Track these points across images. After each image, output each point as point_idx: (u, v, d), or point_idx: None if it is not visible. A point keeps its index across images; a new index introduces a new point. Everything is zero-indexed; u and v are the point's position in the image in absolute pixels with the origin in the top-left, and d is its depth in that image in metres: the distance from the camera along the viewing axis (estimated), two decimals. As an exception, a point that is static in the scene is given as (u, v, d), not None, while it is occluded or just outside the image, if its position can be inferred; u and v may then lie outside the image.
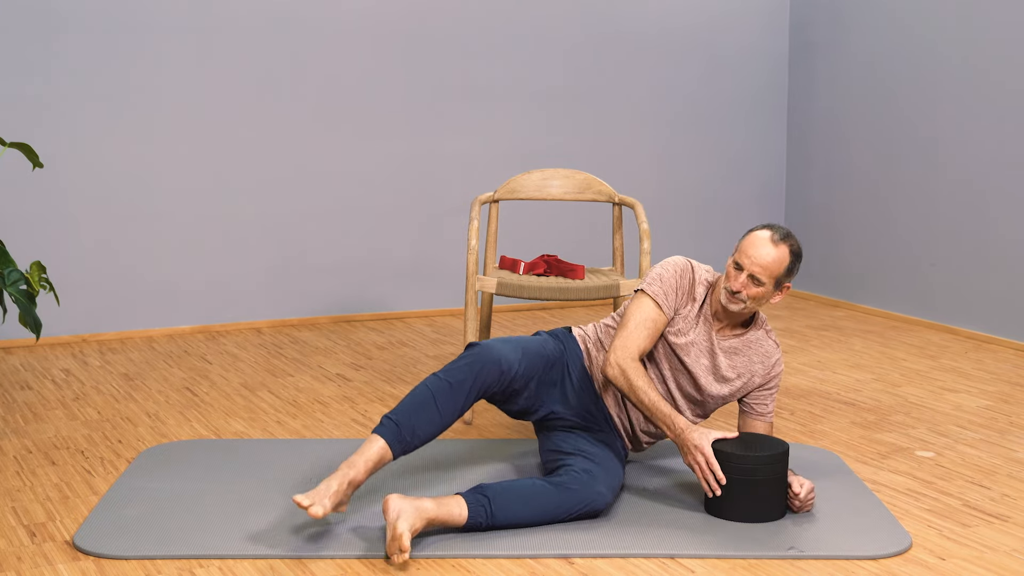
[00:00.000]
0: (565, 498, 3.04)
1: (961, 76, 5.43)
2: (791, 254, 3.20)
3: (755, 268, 3.17)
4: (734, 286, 3.19)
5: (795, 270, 3.24)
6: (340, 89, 5.50)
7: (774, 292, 3.24)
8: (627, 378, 3.17)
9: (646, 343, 3.24)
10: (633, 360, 3.19)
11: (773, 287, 3.22)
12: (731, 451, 3.07)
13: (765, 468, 3.07)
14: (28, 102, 4.97)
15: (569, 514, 3.05)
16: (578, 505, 3.04)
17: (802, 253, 3.25)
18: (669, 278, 3.30)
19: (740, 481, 3.06)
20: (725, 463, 3.07)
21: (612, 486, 3.12)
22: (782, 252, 3.18)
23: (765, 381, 3.33)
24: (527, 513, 3.01)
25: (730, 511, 3.10)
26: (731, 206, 6.37)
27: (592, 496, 3.06)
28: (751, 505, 3.08)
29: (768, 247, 3.18)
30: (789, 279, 3.24)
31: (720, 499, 3.10)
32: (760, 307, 3.28)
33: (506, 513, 2.98)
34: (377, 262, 5.67)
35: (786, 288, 3.26)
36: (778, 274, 3.19)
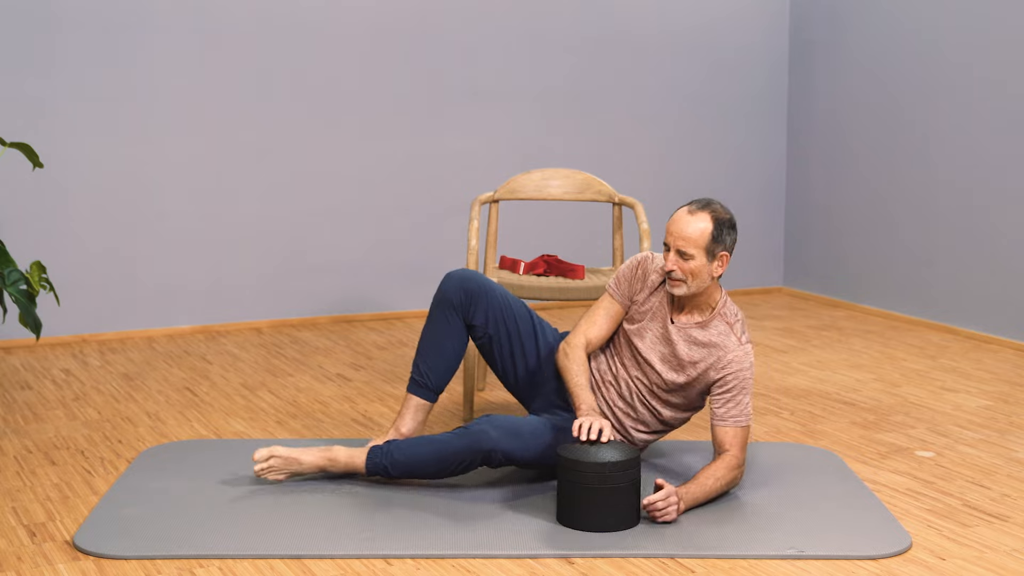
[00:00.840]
0: (457, 440, 3.16)
1: (961, 76, 5.43)
2: (713, 220, 3.17)
3: (679, 242, 3.17)
4: (667, 266, 3.20)
5: (724, 236, 3.18)
6: (340, 89, 5.50)
7: (709, 264, 3.18)
8: (561, 360, 3.31)
9: (595, 331, 3.36)
10: (573, 346, 3.32)
11: (706, 258, 3.17)
12: (578, 458, 2.98)
13: (615, 475, 2.97)
14: (28, 102, 4.97)
15: (458, 455, 3.16)
16: (466, 445, 3.14)
17: (730, 219, 3.20)
18: (623, 270, 3.39)
19: (589, 488, 2.97)
20: (573, 470, 2.98)
21: (508, 430, 3.15)
22: (702, 219, 3.16)
23: (719, 376, 3.23)
24: (423, 452, 3.18)
25: (581, 519, 3.00)
26: (731, 206, 6.32)
27: (479, 437, 3.13)
28: (602, 513, 2.98)
29: (686, 218, 3.18)
30: (721, 247, 3.18)
31: (570, 507, 3.01)
32: (704, 284, 3.21)
33: (405, 454, 3.21)
34: (377, 262, 5.67)
35: (722, 256, 3.19)
36: (704, 243, 3.16)
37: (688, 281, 3.20)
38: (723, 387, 3.23)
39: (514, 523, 3.06)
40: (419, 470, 3.22)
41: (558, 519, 3.06)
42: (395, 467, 3.23)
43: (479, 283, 3.44)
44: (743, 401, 3.22)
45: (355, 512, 3.13)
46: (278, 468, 3.27)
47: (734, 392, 3.22)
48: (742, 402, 3.22)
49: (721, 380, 3.23)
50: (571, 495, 3.01)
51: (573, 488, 3.00)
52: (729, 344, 3.24)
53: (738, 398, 3.22)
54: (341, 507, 3.16)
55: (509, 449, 3.16)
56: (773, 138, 6.43)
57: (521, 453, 3.18)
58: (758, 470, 3.51)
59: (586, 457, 2.98)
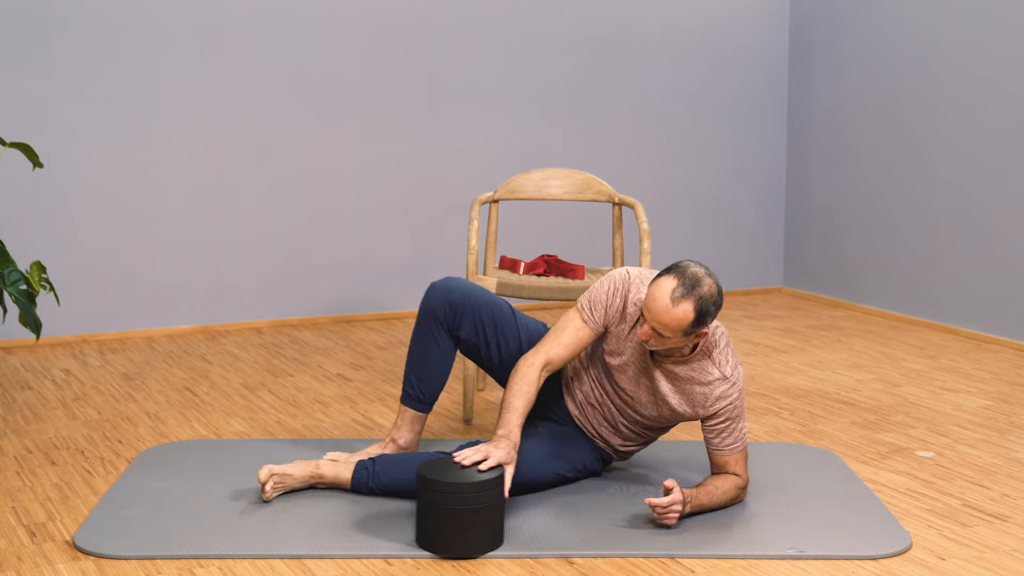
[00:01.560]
0: None
1: (961, 76, 5.43)
2: (696, 310, 2.92)
3: (655, 324, 2.95)
4: (639, 335, 3.01)
5: (706, 319, 2.96)
6: (340, 89, 5.50)
7: (687, 339, 3.00)
8: (512, 375, 3.14)
9: (559, 351, 3.16)
10: (528, 365, 3.13)
11: (682, 338, 2.99)
12: (438, 478, 2.83)
13: (473, 496, 2.83)
14: (28, 102, 4.98)
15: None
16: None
17: (715, 300, 2.96)
18: (600, 294, 3.18)
19: (451, 511, 2.83)
20: (433, 490, 2.84)
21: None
22: (683, 310, 2.92)
23: (708, 414, 3.12)
24: (408, 476, 3.17)
25: (441, 544, 2.86)
26: (731, 206, 6.37)
27: None
28: (461, 536, 2.84)
29: (666, 304, 2.92)
30: (700, 328, 2.98)
31: (431, 532, 2.86)
32: (682, 350, 3.10)
33: (389, 476, 3.20)
34: (377, 262, 5.67)
35: (700, 335, 3.01)
36: (682, 329, 2.95)
37: (660, 350, 3.09)
38: (715, 422, 3.13)
39: (514, 523, 3.06)
40: (402, 491, 3.20)
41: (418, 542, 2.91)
42: (379, 487, 3.22)
43: (463, 293, 3.37)
44: (738, 428, 3.15)
45: (355, 512, 3.13)
46: (276, 487, 3.26)
47: (728, 424, 3.14)
48: (737, 429, 3.15)
49: (711, 417, 3.13)
50: (427, 515, 2.87)
51: (429, 508, 2.86)
52: (713, 381, 3.11)
53: (732, 427, 3.14)
54: (341, 507, 3.16)
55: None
56: (773, 138, 6.43)
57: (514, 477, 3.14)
58: (758, 470, 3.51)
59: (445, 477, 2.85)
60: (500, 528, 2.91)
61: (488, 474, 2.88)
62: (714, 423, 3.14)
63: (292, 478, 3.25)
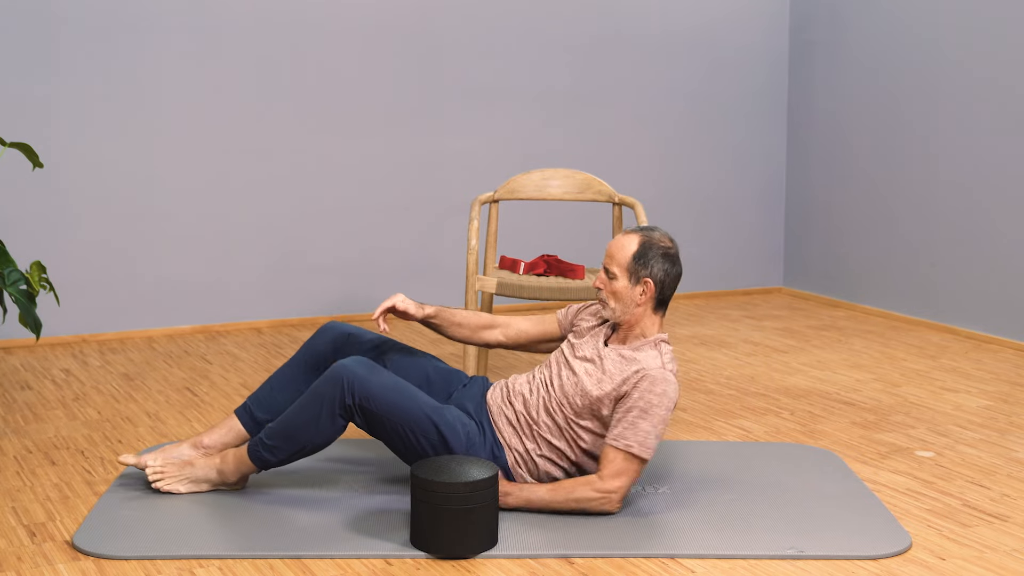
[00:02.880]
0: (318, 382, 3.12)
1: (961, 76, 5.43)
2: (641, 243, 3.11)
3: (605, 259, 3.15)
4: (594, 283, 3.19)
5: (651, 262, 3.09)
6: (341, 89, 5.50)
7: (631, 287, 3.10)
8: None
9: (523, 322, 3.43)
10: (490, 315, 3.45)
11: (628, 280, 3.10)
12: (431, 478, 2.83)
13: (467, 496, 2.83)
14: (29, 102, 4.98)
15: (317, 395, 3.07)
16: (323, 379, 3.09)
17: (666, 249, 3.11)
18: (577, 305, 3.42)
19: (444, 511, 2.82)
20: (429, 489, 2.83)
21: (365, 363, 3.08)
22: (630, 239, 3.13)
23: (624, 393, 3.06)
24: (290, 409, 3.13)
25: (435, 544, 2.85)
26: (731, 206, 6.37)
27: (335, 367, 3.08)
28: (456, 536, 2.84)
29: (618, 238, 3.17)
30: (645, 271, 3.09)
31: (425, 531, 2.86)
32: (628, 311, 3.12)
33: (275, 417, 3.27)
34: (377, 262, 5.67)
35: (646, 282, 3.09)
36: (626, 263, 3.10)
37: (611, 302, 3.14)
38: (625, 404, 3.04)
39: (514, 523, 3.06)
40: (291, 428, 3.10)
41: (412, 542, 2.91)
42: (270, 436, 3.12)
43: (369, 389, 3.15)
44: (639, 425, 3.01)
45: (355, 512, 3.13)
46: (171, 474, 3.23)
47: (633, 413, 3.02)
48: (637, 425, 3.01)
49: (625, 397, 3.05)
50: (421, 515, 2.86)
51: (423, 508, 2.86)
52: (649, 363, 3.09)
53: (634, 419, 3.02)
54: (341, 507, 3.16)
55: (364, 378, 3.04)
56: (773, 138, 6.43)
57: (379, 391, 3.04)
58: (758, 470, 3.51)
59: (438, 477, 2.85)
60: (495, 528, 2.91)
61: (482, 473, 2.88)
62: (623, 405, 3.04)
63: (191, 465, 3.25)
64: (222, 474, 3.22)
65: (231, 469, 3.21)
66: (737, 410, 4.20)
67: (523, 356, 4.96)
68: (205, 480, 3.23)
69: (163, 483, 3.22)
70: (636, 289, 3.12)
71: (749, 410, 4.20)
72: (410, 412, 3.08)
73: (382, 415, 3.07)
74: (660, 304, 3.17)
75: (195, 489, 3.23)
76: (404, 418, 3.07)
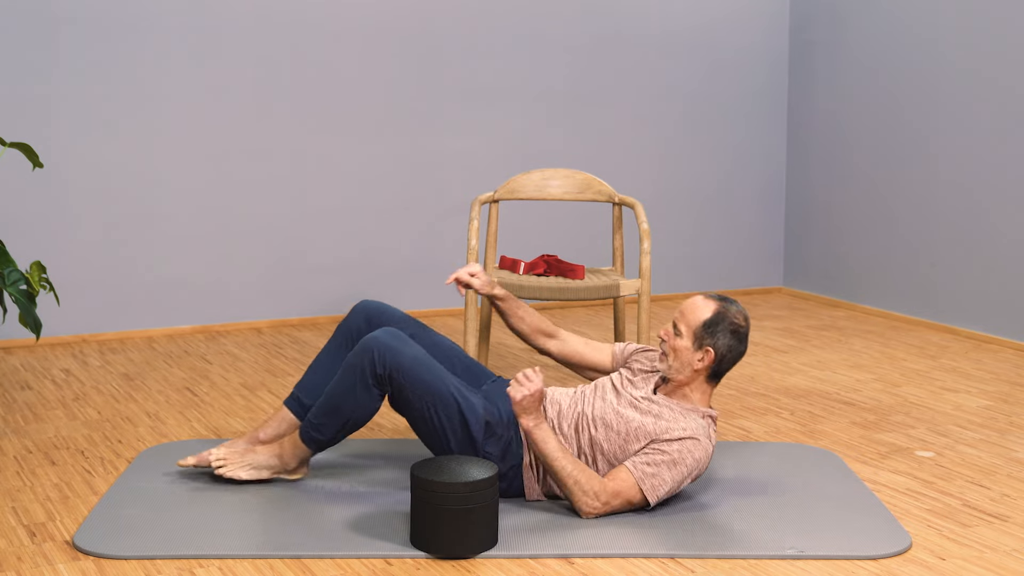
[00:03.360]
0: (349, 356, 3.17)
1: (961, 76, 5.43)
2: (716, 312, 3.15)
3: (678, 316, 3.20)
4: (660, 332, 3.22)
5: (718, 333, 3.14)
6: (341, 89, 5.50)
7: (694, 352, 3.15)
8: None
9: (575, 340, 3.52)
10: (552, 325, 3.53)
11: (692, 343, 3.15)
12: (431, 478, 2.84)
13: (467, 496, 2.83)
14: (28, 102, 4.98)
15: (351, 366, 3.13)
16: (354, 352, 3.14)
17: (736, 327, 3.15)
18: (636, 345, 3.46)
19: (444, 511, 2.82)
20: (429, 490, 2.83)
21: (395, 335, 3.14)
22: (707, 305, 3.17)
23: (670, 439, 3.08)
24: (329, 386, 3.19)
25: (435, 544, 2.85)
26: (731, 206, 6.37)
27: (367, 339, 3.14)
28: (456, 536, 2.84)
29: (696, 299, 3.21)
30: (710, 340, 3.14)
31: (425, 531, 2.86)
32: (683, 371, 3.16)
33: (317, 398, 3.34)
34: (377, 262, 5.67)
35: (707, 351, 3.14)
36: (696, 326, 3.14)
37: (669, 357, 3.19)
38: (659, 448, 3.08)
39: (514, 523, 3.06)
40: (332, 404, 3.16)
41: (412, 542, 2.91)
42: (315, 416, 3.19)
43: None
44: (662, 475, 3.05)
45: (355, 512, 3.13)
46: (233, 461, 3.29)
47: (665, 459, 3.06)
48: (661, 473, 3.05)
49: (663, 442, 3.08)
50: (421, 515, 2.86)
51: (423, 508, 2.85)
52: (699, 431, 3.11)
53: (661, 467, 3.06)
54: (341, 507, 3.16)
55: (395, 348, 3.10)
56: (773, 138, 6.43)
57: (409, 362, 3.09)
58: (758, 470, 3.51)
59: (439, 477, 2.85)
60: (495, 528, 2.91)
61: (482, 473, 2.89)
62: (658, 448, 3.08)
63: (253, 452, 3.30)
64: (282, 459, 3.28)
65: (289, 454, 3.27)
66: (737, 410, 4.20)
67: (523, 357, 4.96)
68: (266, 467, 3.29)
69: (226, 470, 3.28)
70: (697, 354, 3.17)
71: (749, 410, 4.20)
72: (435, 387, 3.13)
73: (408, 387, 3.12)
74: (714, 376, 3.22)
75: (256, 476, 3.28)
76: (429, 392, 3.12)
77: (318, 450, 3.26)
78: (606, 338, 5.29)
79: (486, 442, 3.16)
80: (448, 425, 3.14)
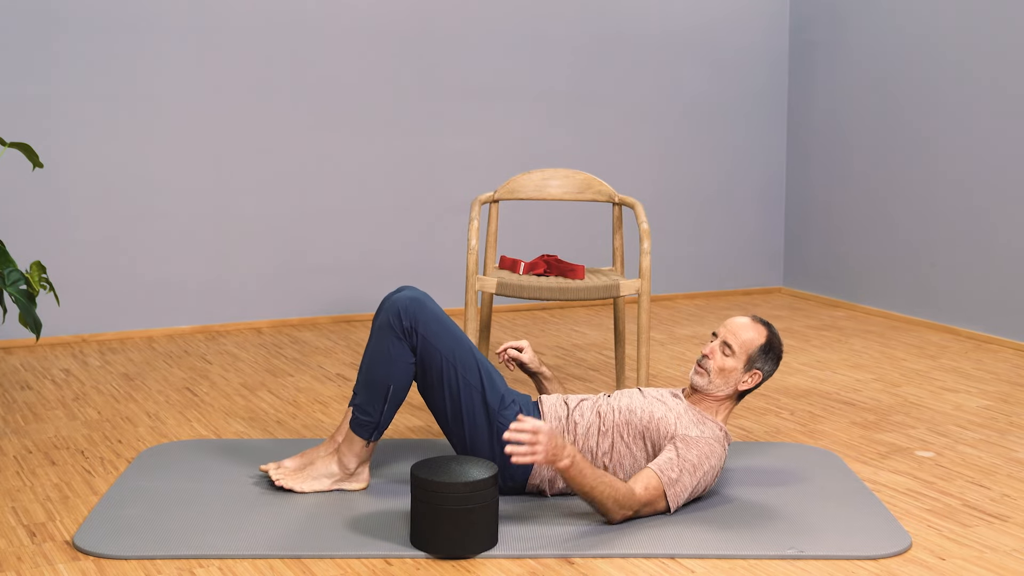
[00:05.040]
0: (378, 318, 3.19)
1: (961, 76, 5.43)
2: (768, 338, 3.22)
3: (729, 336, 3.21)
4: (704, 350, 3.22)
5: (769, 358, 3.22)
6: (340, 89, 5.50)
7: (743, 372, 3.20)
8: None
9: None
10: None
11: (743, 366, 3.20)
12: (431, 478, 2.83)
13: (467, 496, 2.83)
14: (28, 102, 4.98)
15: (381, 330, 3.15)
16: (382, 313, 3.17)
17: (780, 353, 3.26)
18: None
19: (444, 511, 2.82)
20: (429, 490, 2.83)
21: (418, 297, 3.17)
22: (760, 331, 3.23)
23: (692, 439, 3.11)
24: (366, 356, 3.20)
25: (435, 544, 2.85)
26: (731, 206, 6.37)
27: (390, 297, 3.18)
28: (455, 536, 2.84)
29: (747, 321, 3.24)
30: (760, 364, 3.20)
31: (425, 531, 2.85)
32: (723, 388, 3.20)
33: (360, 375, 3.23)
34: (377, 262, 5.67)
35: (755, 375, 3.20)
36: (751, 351, 3.20)
37: (712, 374, 3.20)
38: (683, 452, 3.09)
39: (514, 523, 3.06)
40: (369, 374, 3.17)
41: (412, 542, 2.91)
42: (357, 393, 3.19)
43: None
44: (682, 466, 3.07)
45: (355, 512, 3.13)
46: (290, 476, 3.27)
47: (688, 463, 3.08)
48: (680, 465, 3.06)
49: (676, 437, 3.11)
50: (421, 515, 2.86)
51: (423, 508, 2.85)
52: (705, 428, 3.16)
53: (684, 472, 3.07)
54: (341, 507, 3.16)
55: (420, 301, 3.15)
56: (773, 138, 6.43)
57: (432, 317, 3.14)
58: (758, 470, 3.51)
59: (438, 477, 2.84)
60: (495, 528, 2.91)
61: (482, 473, 2.89)
62: (675, 444, 3.10)
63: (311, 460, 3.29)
64: (341, 464, 3.26)
65: (346, 452, 3.24)
66: (737, 410, 4.20)
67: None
68: (326, 475, 3.26)
69: (284, 482, 3.26)
70: (745, 375, 3.21)
71: (749, 410, 4.20)
72: (460, 346, 3.17)
73: (432, 342, 3.14)
74: (742, 396, 3.28)
75: (318, 488, 3.24)
76: (452, 351, 3.15)
77: (370, 436, 3.21)
78: (606, 338, 5.30)
79: (500, 413, 3.17)
80: (465, 388, 3.15)
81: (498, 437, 3.17)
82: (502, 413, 3.17)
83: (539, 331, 5.46)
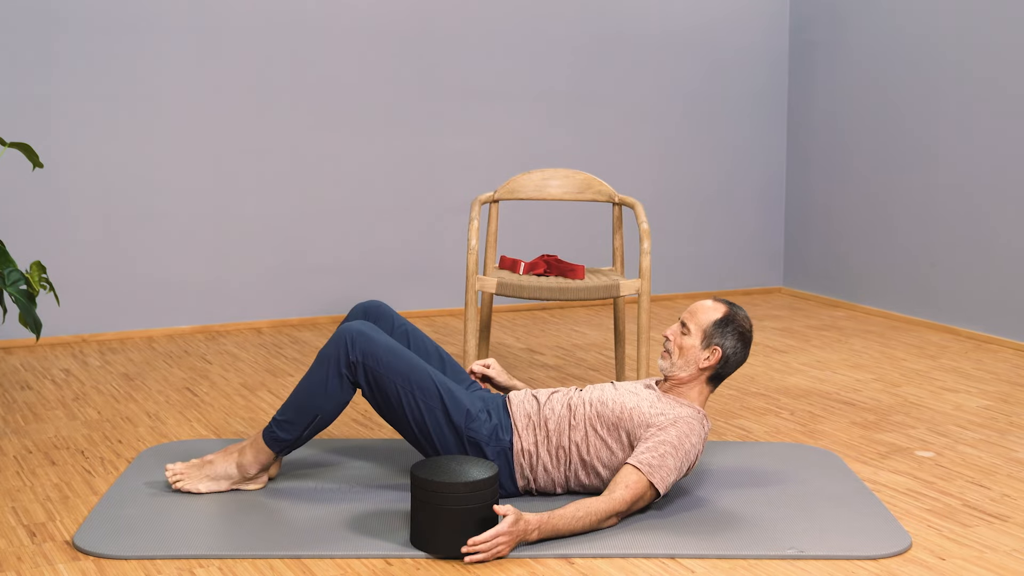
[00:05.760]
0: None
1: (960, 76, 5.43)
2: (726, 315, 3.21)
3: (687, 316, 3.24)
4: (666, 332, 3.24)
5: (727, 335, 3.19)
6: (340, 88, 5.50)
7: (701, 349, 3.19)
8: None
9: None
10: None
11: (700, 342, 3.19)
12: (430, 477, 2.83)
13: (466, 496, 2.83)
14: (28, 102, 4.98)
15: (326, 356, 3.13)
16: (331, 341, 3.14)
17: (743, 331, 3.21)
18: None
19: (444, 511, 2.82)
20: (429, 490, 2.83)
21: (371, 326, 3.15)
22: (717, 307, 3.22)
23: (655, 423, 3.10)
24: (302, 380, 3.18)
25: (434, 544, 2.85)
26: (731, 206, 6.37)
27: (341, 328, 3.15)
28: (455, 536, 2.83)
29: (707, 303, 3.25)
30: (718, 339, 3.18)
31: (425, 531, 2.86)
32: (686, 368, 3.19)
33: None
34: (377, 262, 5.67)
35: (714, 350, 3.17)
36: (706, 325, 3.19)
37: (674, 355, 3.21)
38: (657, 436, 3.07)
39: (514, 523, 3.06)
40: (301, 398, 3.14)
41: (412, 542, 2.91)
42: (282, 412, 3.17)
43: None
44: (661, 452, 3.04)
45: (355, 512, 3.13)
46: (190, 475, 3.25)
47: (659, 439, 3.06)
48: (659, 451, 3.04)
49: (660, 429, 3.09)
50: (421, 515, 2.86)
51: (422, 508, 2.85)
52: (681, 410, 3.14)
53: (658, 447, 3.05)
54: (341, 507, 3.16)
55: (368, 335, 3.11)
56: (773, 138, 6.43)
57: (383, 349, 3.10)
58: (758, 470, 3.51)
59: (437, 477, 2.85)
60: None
61: (482, 473, 2.89)
62: (656, 437, 3.08)
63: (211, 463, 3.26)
64: (241, 467, 3.23)
65: (249, 460, 3.22)
66: (737, 410, 4.20)
67: (523, 358, 4.96)
68: (224, 477, 3.24)
69: (182, 483, 3.24)
70: (703, 352, 3.20)
71: (749, 410, 4.20)
72: (414, 372, 3.14)
73: (384, 374, 3.11)
74: (715, 378, 3.25)
75: (215, 488, 3.23)
76: (407, 378, 3.12)
77: (281, 452, 3.22)
78: (606, 338, 5.30)
79: (468, 428, 3.16)
80: (428, 413, 3.13)
81: (471, 449, 3.18)
82: (470, 427, 3.17)
83: (539, 331, 5.46)
